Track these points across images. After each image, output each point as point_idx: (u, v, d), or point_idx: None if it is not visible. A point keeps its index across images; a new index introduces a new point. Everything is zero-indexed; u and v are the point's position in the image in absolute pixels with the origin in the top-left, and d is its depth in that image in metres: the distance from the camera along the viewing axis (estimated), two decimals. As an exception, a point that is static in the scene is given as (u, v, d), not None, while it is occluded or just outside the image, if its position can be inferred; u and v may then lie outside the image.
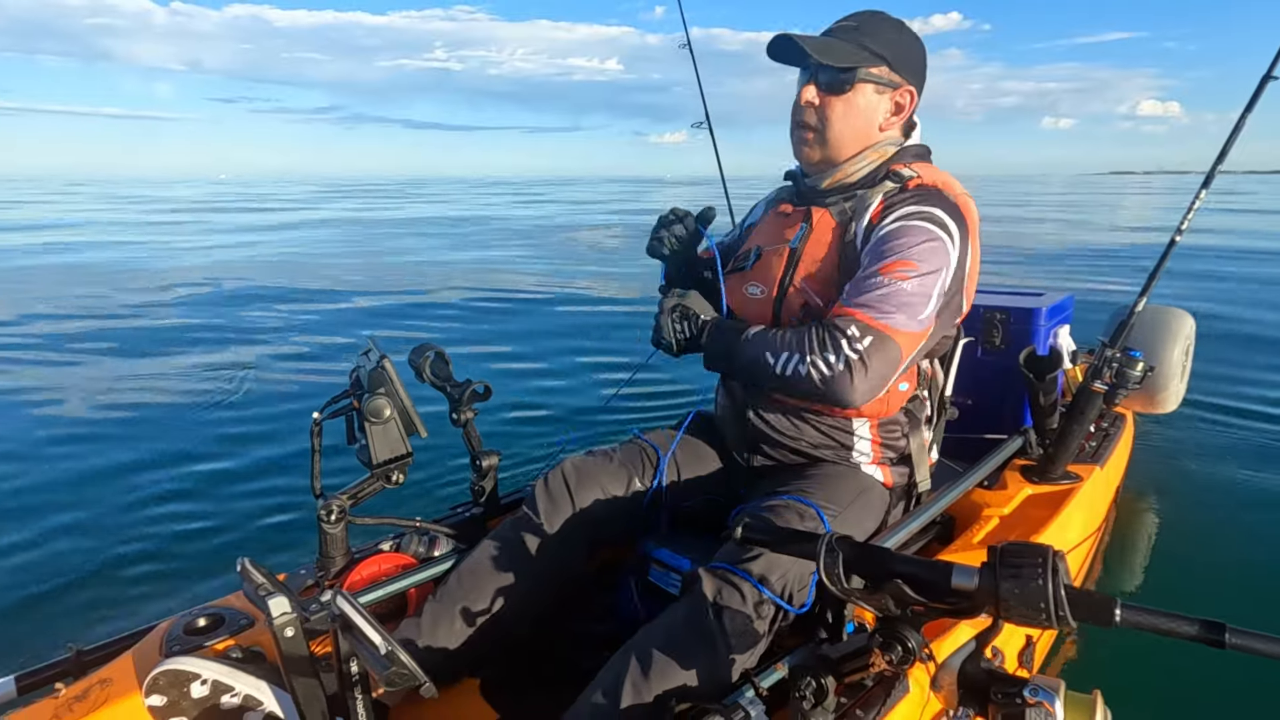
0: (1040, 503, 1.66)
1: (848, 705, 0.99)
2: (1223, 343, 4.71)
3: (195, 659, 1.00)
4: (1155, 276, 1.95)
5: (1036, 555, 0.69)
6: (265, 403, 4.00)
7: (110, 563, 2.36)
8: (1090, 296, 5.60)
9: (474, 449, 1.53)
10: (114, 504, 2.77)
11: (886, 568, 0.77)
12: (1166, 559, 2.27)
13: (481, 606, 1.27)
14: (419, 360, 1.56)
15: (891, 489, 1.37)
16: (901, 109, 1.29)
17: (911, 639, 0.79)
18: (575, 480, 1.37)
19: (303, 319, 6.28)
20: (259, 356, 4.97)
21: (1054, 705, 0.74)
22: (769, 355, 1.18)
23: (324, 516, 1.31)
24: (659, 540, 1.43)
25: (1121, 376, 1.74)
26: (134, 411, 3.88)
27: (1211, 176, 1.93)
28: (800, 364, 1.14)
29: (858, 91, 1.24)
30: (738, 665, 1.06)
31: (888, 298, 1.13)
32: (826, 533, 0.81)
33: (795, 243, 1.30)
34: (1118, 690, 0.86)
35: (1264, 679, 1.63)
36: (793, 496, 1.22)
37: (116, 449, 3.31)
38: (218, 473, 3.05)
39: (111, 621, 2.00)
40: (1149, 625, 0.66)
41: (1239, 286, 7.21)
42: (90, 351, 5.18)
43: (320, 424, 1.36)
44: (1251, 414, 3.45)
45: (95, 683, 1.04)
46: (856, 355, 1.11)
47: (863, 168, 1.30)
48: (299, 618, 0.91)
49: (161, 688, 0.97)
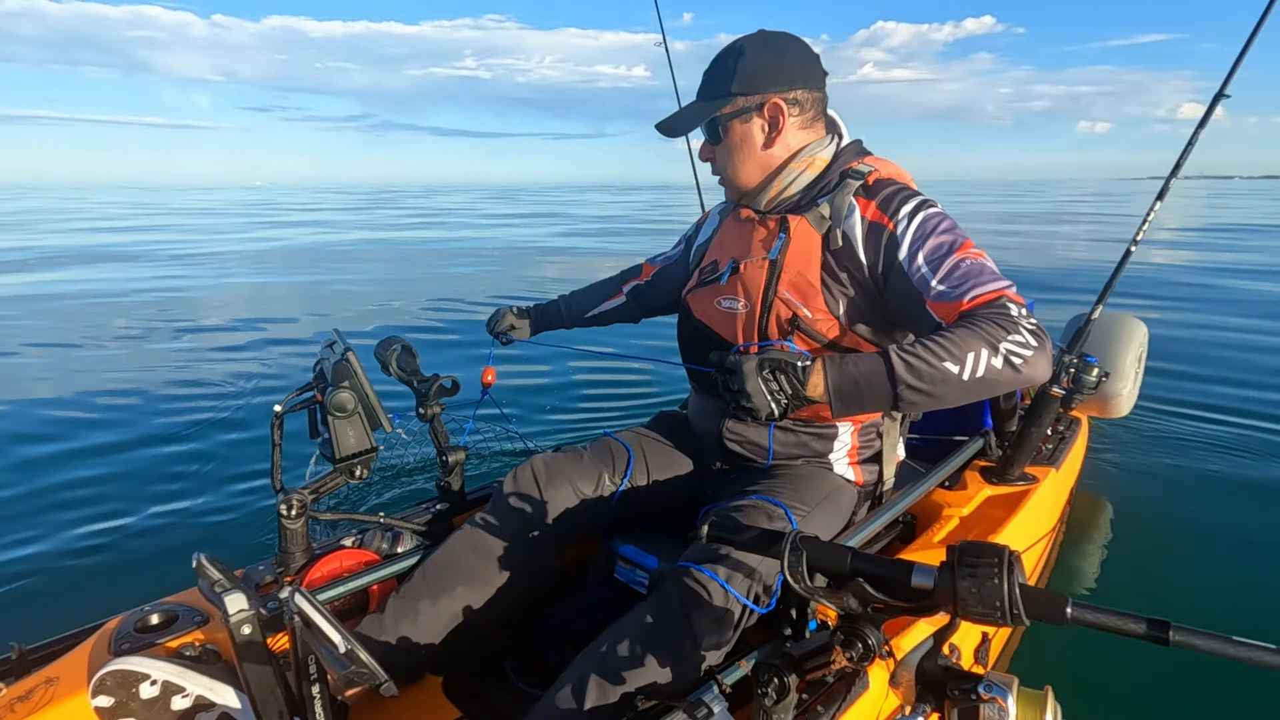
0: (999, 503, 1.70)
1: (809, 701, 1.00)
2: (1174, 348, 4.89)
3: (144, 659, 0.97)
4: (1111, 285, 2.02)
5: (993, 555, 0.71)
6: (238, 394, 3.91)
7: (55, 556, 2.28)
8: (1048, 301, 5.76)
9: (440, 444, 1.51)
10: (54, 496, 2.67)
11: (849, 566, 0.79)
12: (1116, 558, 2.35)
13: (446, 603, 1.26)
14: (385, 353, 1.53)
15: (861, 487, 1.39)
16: (778, 120, 1.26)
17: (872, 636, 0.80)
18: (545, 477, 1.36)
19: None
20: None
21: (1007, 701, 0.76)
22: (948, 365, 1.01)
23: (284, 511, 1.29)
24: (626, 538, 1.43)
25: (1078, 381, 1.80)
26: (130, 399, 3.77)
27: (1166, 189, 1.99)
28: (993, 357, 1.02)
29: (729, 131, 1.28)
30: (702, 663, 1.07)
31: (991, 270, 1.12)
32: (791, 531, 0.82)
33: (775, 254, 1.27)
34: (1068, 686, 0.89)
35: (1208, 675, 1.70)
36: (761, 496, 1.23)
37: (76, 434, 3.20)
38: (181, 458, 2.97)
39: (57, 619, 1.93)
40: (1098, 623, 0.68)
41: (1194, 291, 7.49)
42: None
43: (281, 417, 1.33)
44: (1200, 419, 3.59)
45: (40, 681, 1.00)
46: (1034, 324, 1.05)
47: (795, 180, 1.29)
48: (256, 615, 0.89)
49: (109, 688, 0.94)
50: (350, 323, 5.99)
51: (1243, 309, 6.54)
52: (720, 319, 1.35)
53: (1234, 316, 6.17)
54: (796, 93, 1.26)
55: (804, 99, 1.27)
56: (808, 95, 1.27)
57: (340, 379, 1.29)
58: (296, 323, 6.05)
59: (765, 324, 1.28)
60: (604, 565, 1.45)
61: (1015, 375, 1.03)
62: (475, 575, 1.29)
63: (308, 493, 1.32)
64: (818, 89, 1.29)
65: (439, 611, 1.25)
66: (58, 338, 5.38)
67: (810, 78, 1.27)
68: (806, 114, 1.28)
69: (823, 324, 1.23)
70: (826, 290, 1.23)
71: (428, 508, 1.52)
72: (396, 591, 1.28)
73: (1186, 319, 6.06)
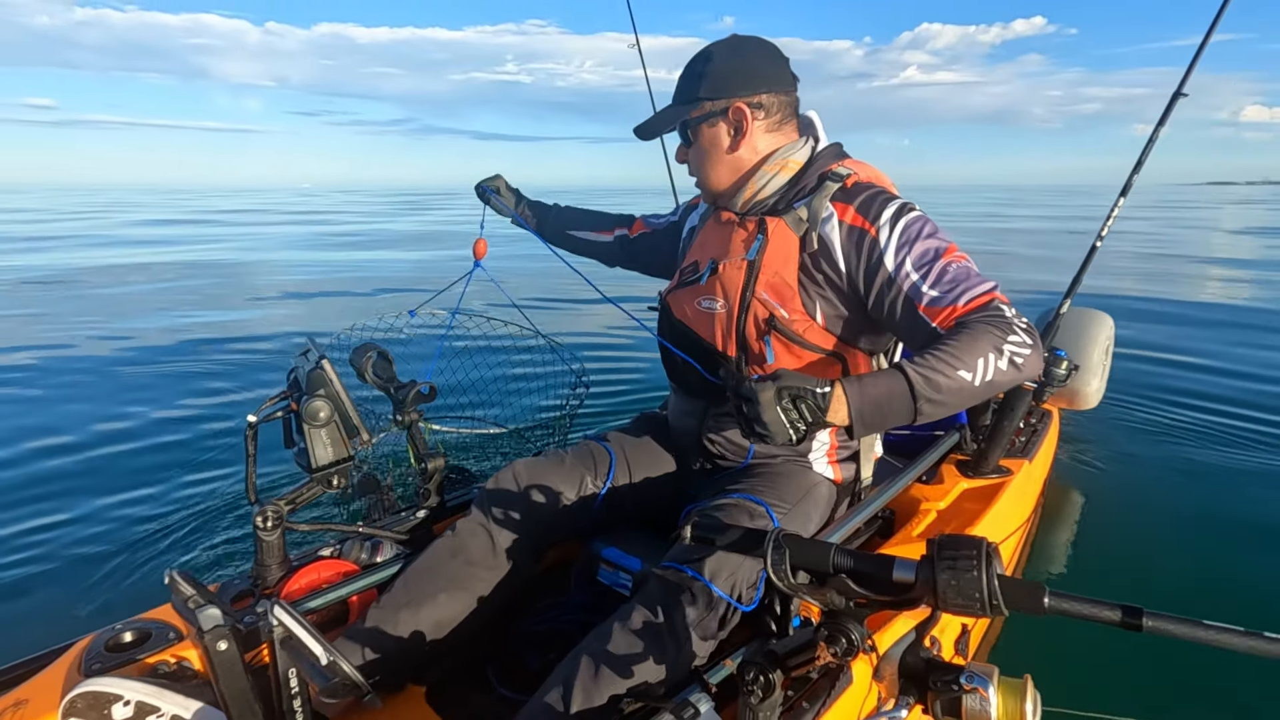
0: (975, 496, 1.73)
1: (794, 698, 1.01)
2: (1140, 341, 5.01)
3: (117, 679, 0.95)
4: (1079, 280, 2.06)
5: (972, 547, 0.72)
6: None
7: (19, 575, 2.21)
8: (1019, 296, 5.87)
9: (419, 451, 1.49)
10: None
11: (831, 563, 0.79)
12: (1090, 547, 2.40)
13: (427, 611, 1.24)
14: (360, 361, 1.51)
15: (840, 484, 1.40)
16: (743, 124, 1.27)
17: (855, 631, 0.81)
18: (526, 481, 1.36)
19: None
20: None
21: (988, 690, 0.77)
22: (963, 373, 1.03)
23: (260, 523, 1.26)
24: (607, 540, 1.43)
25: (1048, 375, 1.84)
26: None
27: (1129, 186, 2.05)
28: (999, 359, 1.05)
29: (699, 135, 1.31)
30: (688, 663, 1.07)
31: (978, 272, 1.15)
32: (773, 530, 0.82)
33: (752, 255, 1.28)
34: (1046, 673, 0.91)
35: (1180, 659, 1.74)
36: (743, 495, 1.23)
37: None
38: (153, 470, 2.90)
39: (19, 640, 1.87)
40: (1074, 611, 0.69)
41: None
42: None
43: (256, 427, 1.31)
44: (1167, 407, 3.69)
45: (9, 705, 0.97)
46: (1025, 323, 1.09)
47: (768, 183, 1.30)
48: (232, 630, 0.87)
49: (80, 710, 0.92)
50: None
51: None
52: (700, 319, 1.36)
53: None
54: (761, 96, 1.27)
55: (770, 103, 1.28)
56: (774, 99, 1.28)
57: (315, 387, 1.27)
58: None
59: (743, 324, 1.29)
60: (586, 568, 1.45)
61: (1017, 374, 1.07)
62: (457, 582, 1.28)
63: (284, 504, 1.29)
64: (785, 92, 1.30)
65: (421, 620, 1.24)
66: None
67: (777, 81, 1.28)
68: (773, 117, 1.29)
69: (799, 325, 1.24)
70: (804, 292, 1.24)
71: (407, 515, 1.50)
72: (377, 601, 1.26)
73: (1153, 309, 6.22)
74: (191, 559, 2.28)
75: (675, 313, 1.41)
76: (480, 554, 1.30)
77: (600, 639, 1.08)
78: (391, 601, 1.25)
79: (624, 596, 1.36)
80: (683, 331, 1.39)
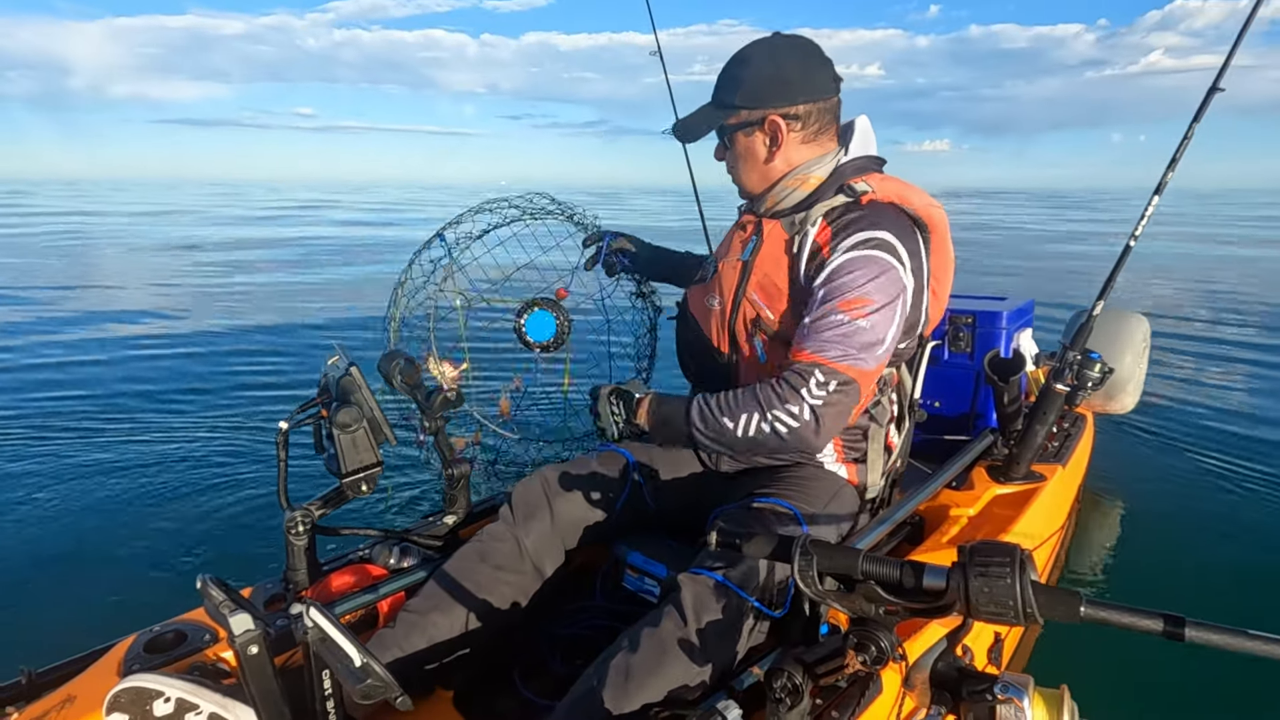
0: (1006, 502, 1.70)
1: (823, 706, 0.99)
2: (1178, 343, 4.88)
3: (158, 676, 0.97)
4: (1112, 281, 2.01)
5: (1005, 554, 0.71)
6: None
7: (62, 580, 2.27)
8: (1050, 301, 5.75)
9: (446, 457, 1.51)
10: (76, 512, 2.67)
11: (860, 569, 0.78)
12: (1127, 555, 2.34)
13: (456, 616, 1.25)
14: (388, 368, 1.53)
15: (857, 487, 1.39)
16: (778, 136, 1.27)
17: (884, 639, 0.80)
18: (552, 487, 1.37)
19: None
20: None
21: (1023, 701, 0.76)
22: (726, 420, 1.19)
23: (291, 528, 1.29)
24: (632, 545, 1.43)
25: (1082, 377, 1.79)
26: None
27: (1163, 184, 1.99)
28: (762, 421, 1.16)
29: (735, 141, 1.33)
30: (716, 670, 1.07)
31: (848, 338, 1.15)
32: (801, 536, 0.82)
33: (746, 255, 1.32)
34: (1084, 684, 0.88)
35: (1225, 670, 1.69)
36: (769, 499, 1.23)
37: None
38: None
39: (64, 643, 1.91)
40: (1112, 620, 0.67)
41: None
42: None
43: (287, 434, 1.33)
44: (1205, 413, 3.58)
45: (59, 701, 1.00)
46: (820, 401, 1.13)
47: (786, 197, 1.31)
48: (263, 634, 0.89)
49: (123, 705, 0.94)
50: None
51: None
52: (704, 316, 1.40)
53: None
54: (798, 108, 1.27)
55: (806, 112, 1.27)
56: (811, 108, 1.28)
57: (345, 394, 1.30)
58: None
59: (734, 323, 1.33)
60: (611, 573, 1.45)
61: (779, 441, 1.17)
62: (485, 587, 1.29)
63: (314, 509, 1.32)
64: (823, 98, 1.29)
65: (450, 624, 1.25)
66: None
67: (814, 89, 1.27)
68: (810, 128, 1.29)
69: (785, 327, 1.26)
70: (793, 294, 1.25)
71: (435, 521, 1.51)
72: (406, 606, 1.28)
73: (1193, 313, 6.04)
74: (224, 563, 2.33)
75: (690, 309, 1.45)
76: (508, 559, 1.31)
77: (627, 645, 1.07)
78: (420, 606, 1.26)
79: (648, 602, 1.36)
80: (693, 326, 1.44)
